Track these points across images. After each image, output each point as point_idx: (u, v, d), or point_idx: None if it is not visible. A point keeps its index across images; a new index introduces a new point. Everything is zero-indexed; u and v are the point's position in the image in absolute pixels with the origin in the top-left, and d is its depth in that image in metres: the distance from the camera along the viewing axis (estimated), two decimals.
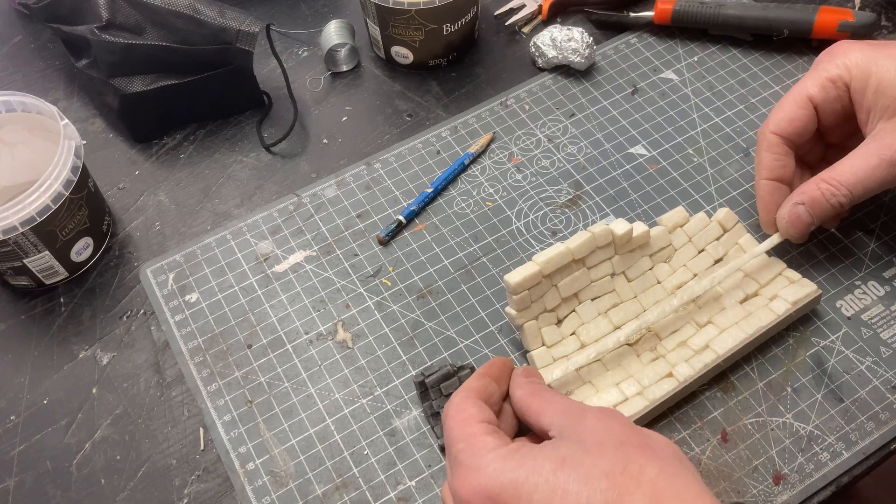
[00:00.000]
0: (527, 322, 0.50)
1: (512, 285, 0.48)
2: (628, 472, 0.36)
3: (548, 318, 0.51)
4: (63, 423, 0.51)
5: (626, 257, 0.52)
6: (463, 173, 0.62)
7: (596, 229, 0.50)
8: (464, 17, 0.65)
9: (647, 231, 0.52)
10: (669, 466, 0.37)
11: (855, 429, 0.49)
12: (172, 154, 0.64)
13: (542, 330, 0.50)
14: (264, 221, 0.60)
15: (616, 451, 0.37)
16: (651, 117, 0.64)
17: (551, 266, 0.49)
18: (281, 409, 0.51)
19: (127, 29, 0.62)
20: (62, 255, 0.55)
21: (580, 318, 0.51)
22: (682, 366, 0.49)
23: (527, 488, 0.36)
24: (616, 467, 0.36)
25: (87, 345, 0.55)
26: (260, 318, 0.55)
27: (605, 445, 0.37)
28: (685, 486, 0.36)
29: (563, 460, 0.37)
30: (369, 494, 0.48)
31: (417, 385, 0.50)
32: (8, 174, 0.58)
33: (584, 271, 0.51)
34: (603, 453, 0.37)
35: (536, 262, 0.49)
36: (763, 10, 0.66)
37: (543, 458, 0.37)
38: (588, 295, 0.52)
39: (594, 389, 0.49)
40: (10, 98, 0.55)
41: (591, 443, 0.37)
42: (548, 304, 0.50)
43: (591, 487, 0.35)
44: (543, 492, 0.36)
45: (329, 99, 0.67)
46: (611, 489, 0.35)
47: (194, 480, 0.49)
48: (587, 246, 0.50)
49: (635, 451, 0.37)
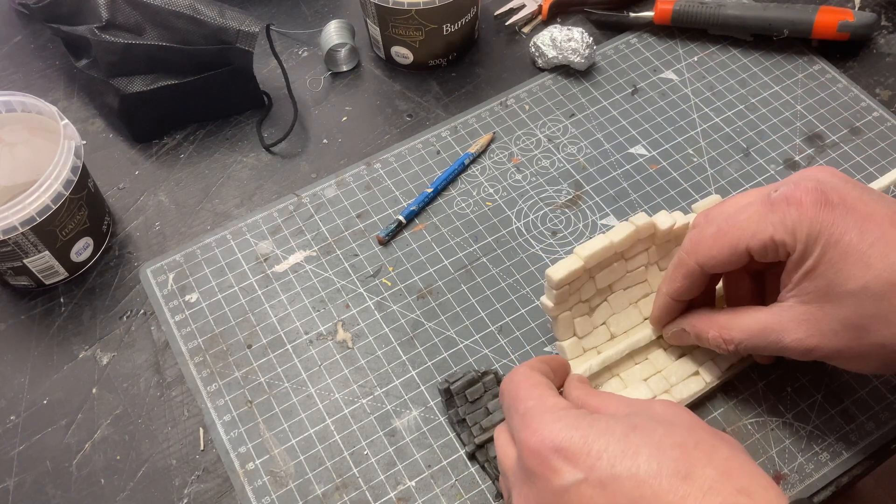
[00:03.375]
0: (562, 314, 0.49)
1: (555, 281, 0.47)
2: (700, 448, 0.36)
3: (581, 308, 0.50)
4: (63, 423, 0.51)
5: (662, 247, 0.52)
6: (463, 173, 0.62)
7: (639, 222, 0.49)
8: (464, 17, 0.65)
9: (687, 223, 0.51)
10: (741, 453, 0.37)
11: (855, 429, 0.49)
12: (172, 154, 0.64)
13: (574, 320, 0.50)
14: (264, 221, 0.60)
15: (688, 431, 0.37)
16: (651, 117, 0.64)
17: (594, 260, 0.48)
18: (281, 410, 0.51)
19: (127, 29, 0.62)
20: (62, 255, 0.55)
21: (611, 308, 0.51)
22: (708, 364, 0.49)
23: (597, 445, 0.36)
24: (688, 441, 0.36)
25: (87, 345, 0.55)
26: (260, 318, 0.55)
27: (675, 424, 0.37)
28: (757, 472, 0.35)
29: (635, 426, 0.37)
30: (369, 494, 0.48)
31: (442, 392, 0.49)
32: (8, 174, 0.58)
33: (621, 263, 0.50)
34: (675, 429, 0.37)
35: (580, 257, 0.47)
36: (763, 10, 0.66)
37: (616, 422, 0.37)
38: (621, 285, 0.51)
39: (622, 383, 0.49)
40: (10, 98, 0.55)
41: (662, 419, 0.38)
42: (583, 295, 0.50)
43: (663, 454, 0.35)
44: (614, 451, 0.35)
45: (329, 99, 0.67)
46: (682, 459, 0.35)
47: (194, 480, 0.49)
48: (630, 239, 0.49)
49: (706, 434, 0.37)
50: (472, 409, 0.48)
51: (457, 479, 0.48)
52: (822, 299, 0.40)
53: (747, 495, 0.33)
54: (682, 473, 0.34)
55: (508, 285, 0.56)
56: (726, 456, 0.35)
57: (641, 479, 0.34)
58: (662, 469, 0.34)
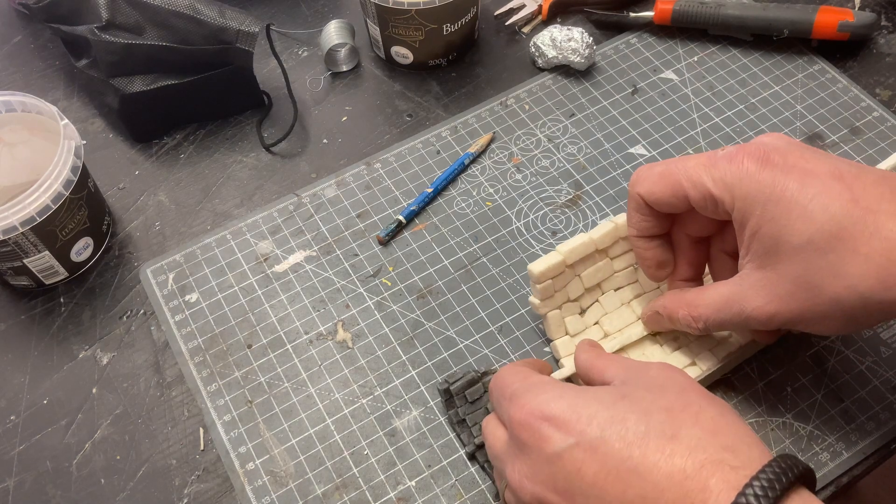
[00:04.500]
0: (550, 311, 0.50)
1: (535, 274, 0.48)
2: (688, 410, 0.36)
3: (571, 307, 0.51)
4: (63, 423, 0.51)
5: None
6: (463, 173, 0.62)
7: (619, 219, 0.50)
8: (464, 17, 0.65)
9: None
10: (729, 413, 0.37)
11: (855, 429, 0.49)
12: (172, 154, 0.64)
13: (565, 319, 0.51)
14: (264, 221, 0.60)
15: (678, 394, 0.38)
16: (651, 117, 0.64)
17: (574, 256, 0.49)
18: (281, 410, 0.51)
19: (127, 29, 0.62)
20: (62, 255, 0.55)
21: (603, 308, 0.52)
22: (705, 354, 0.49)
23: (586, 413, 0.37)
24: (676, 405, 0.37)
25: (87, 345, 0.55)
26: (260, 318, 0.55)
27: (666, 388, 0.38)
28: (744, 431, 0.36)
29: (623, 395, 0.38)
30: (369, 494, 0.48)
31: (442, 393, 0.49)
32: (8, 174, 0.58)
33: (607, 262, 0.51)
34: (664, 394, 0.37)
35: (560, 252, 0.49)
36: (763, 10, 0.66)
37: (604, 391, 0.38)
38: (611, 285, 0.52)
39: None
40: (10, 98, 0.55)
41: (653, 385, 0.38)
42: (571, 293, 0.51)
43: (650, 418, 0.36)
44: (602, 418, 0.36)
45: (329, 99, 0.67)
46: (669, 421, 0.36)
47: (194, 480, 0.49)
48: (610, 236, 0.50)
49: (696, 395, 0.38)
50: (472, 409, 0.49)
51: (457, 479, 0.48)
52: (773, 260, 0.41)
53: (732, 451, 0.34)
54: (668, 434, 0.35)
55: (508, 285, 0.56)
56: (713, 416, 0.36)
57: (630, 441, 0.35)
58: (650, 431, 0.35)
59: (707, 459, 0.34)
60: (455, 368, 0.52)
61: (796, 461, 0.34)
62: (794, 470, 0.34)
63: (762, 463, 0.34)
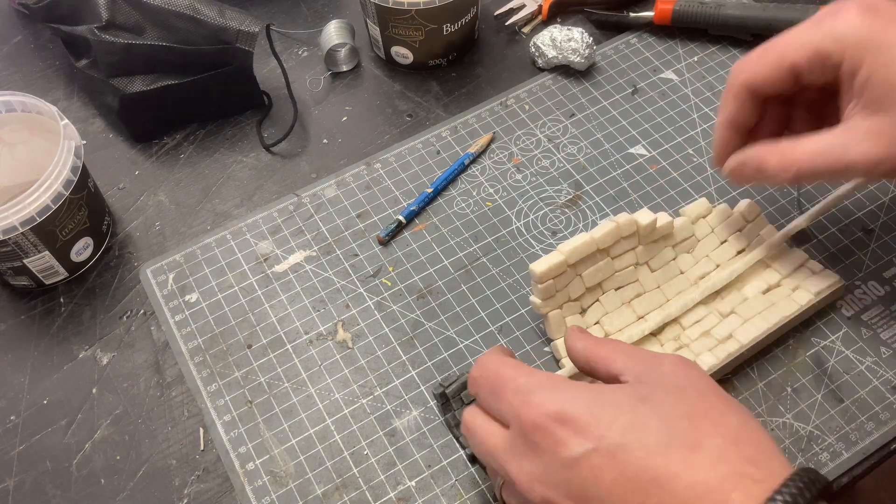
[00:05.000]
0: (551, 311, 0.50)
1: (537, 274, 0.48)
2: (709, 417, 0.35)
3: (572, 307, 0.51)
4: (63, 423, 0.51)
5: (650, 248, 0.52)
6: (463, 173, 0.62)
7: (620, 219, 0.50)
8: (464, 17, 0.65)
9: (670, 221, 0.52)
10: (750, 420, 0.36)
11: (855, 429, 0.49)
12: (172, 154, 0.64)
13: (566, 319, 0.51)
14: (264, 221, 0.60)
15: (697, 397, 0.36)
16: (651, 117, 0.64)
17: (576, 255, 0.49)
18: (281, 410, 0.51)
19: (127, 29, 0.62)
20: (62, 255, 0.55)
21: (604, 308, 0.52)
22: (706, 355, 0.49)
23: (606, 416, 0.35)
24: (697, 411, 0.36)
25: (87, 345, 0.55)
26: (260, 318, 0.55)
27: (685, 390, 0.37)
28: (765, 440, 0.35)
29: (643, 398, 0.36)
30: (369, 494, 0.48)
31: (438, 396, 0.49)
32: (8, 174, 0.58)
33: (608, 261, 0.51)
34: (684, 397, 0.36)
35: (561, 252, 0.49)
36: (763, 10, 0.66)
37: (622, 393, 0.37)
38: (612, 285, 0.52)
39: None
40: (10, 98, 0.55)
41: (671, 386, 0.37)
42: (572, 293, 0.51)
43: (672, 426, 0.35)
44: (622, 423, 0.35)
45: (329, 99, 0.67)
46: (691, 430, 0.35)
47: (194, 480, 0.49)
48: (611, 236, 0.50)
49: (716, 398, 0.37)
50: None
51: (457, 480, 0.48)
52: (886, 104, 0.40)
53: (754, 464, 0.34)
54: (691, 444, 0.34)
55: (508, 285, 0.56)
56: (735, 425, 0.35)
57: (651, 450, 0.34)
58: (672, 440, 0.34)
59: (729, 472, 0.33)
60: (455, 369, 0.52)
61: (817, 475, 0.34)
62: (815, 485, 0.33)
63: (783, 476, 0.33)
